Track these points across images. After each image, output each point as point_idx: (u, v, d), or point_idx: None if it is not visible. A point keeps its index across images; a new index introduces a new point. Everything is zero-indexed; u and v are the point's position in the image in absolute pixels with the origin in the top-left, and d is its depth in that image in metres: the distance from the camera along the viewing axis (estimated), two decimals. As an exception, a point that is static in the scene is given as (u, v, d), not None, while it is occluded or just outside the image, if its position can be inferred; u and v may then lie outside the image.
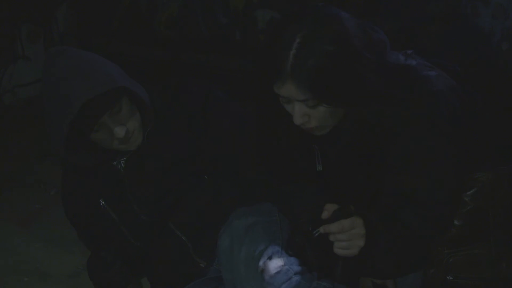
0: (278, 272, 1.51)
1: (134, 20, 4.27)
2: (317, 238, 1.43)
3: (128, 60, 4.06)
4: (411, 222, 1.44)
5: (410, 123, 1.39)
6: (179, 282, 1.73)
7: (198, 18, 4.06)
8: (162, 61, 4.13)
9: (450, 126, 1.39)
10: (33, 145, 3.34)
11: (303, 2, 3.69)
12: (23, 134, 3.50)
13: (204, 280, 1.73)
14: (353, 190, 1.53)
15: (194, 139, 1.68)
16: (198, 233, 1.73)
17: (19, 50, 3.92)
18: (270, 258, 1.54)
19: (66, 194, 1.82)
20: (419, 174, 1.41)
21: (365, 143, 1.45)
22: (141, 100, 1.60)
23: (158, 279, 1.80)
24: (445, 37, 2.48)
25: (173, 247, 1.74)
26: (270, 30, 1.31)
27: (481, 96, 1.52)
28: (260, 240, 1.58)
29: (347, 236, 1.40)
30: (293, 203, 1.69)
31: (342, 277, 1.59)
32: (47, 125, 1.57)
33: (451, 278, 1.52)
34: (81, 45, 4.18)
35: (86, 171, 1.72)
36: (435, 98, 1.38)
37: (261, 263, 1.53)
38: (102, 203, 1.73)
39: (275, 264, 1.52)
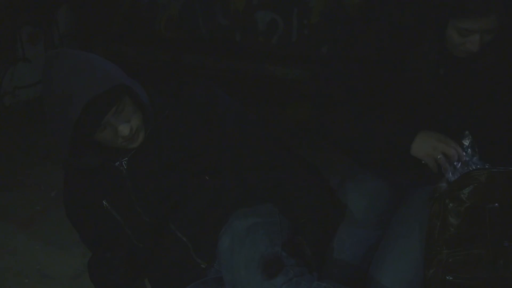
0: (278, 273, 1.51)
1: (134, 22, 4.27)
2: None
3: (128, 61, 4.06)
4: None
5: None
6: (179, 283, 1.72)
7: (198, 19, 4.07)
8: (162, 62, 4.13)
9: None
10: (33, 146, 3.34)
11: (304, 3, 3.70)
12: (23, 136, 3.51)
13: (204, 281, 1.73)
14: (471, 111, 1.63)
15: (196, 139, 1.69)
16: (198, 234, 1.73)
17: (19, 52, 3.93)
18: (270, 259, 1.54)
19: (68, 196, 1.81)
20: None
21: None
22: (141, 100, 1.61)
23: (159, 280, 1.80)
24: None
25: (173, 248, 1.74)
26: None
27: None
28: (261, 241, 1.58)
29: None
30: (295, 203, 1.70)
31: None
32: (49, 128, 1.58)
33: (450, 278, 1.52)
34: (81, 47, 4.19)
35: (88, 172, 1.72)
36: None
37: (261, 263, 1.53)
38: (105, 204, 1.73)
39: (275, 265, 1.53)
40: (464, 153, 1.54)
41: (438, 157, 1.54)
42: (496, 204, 1.49)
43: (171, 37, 4.16)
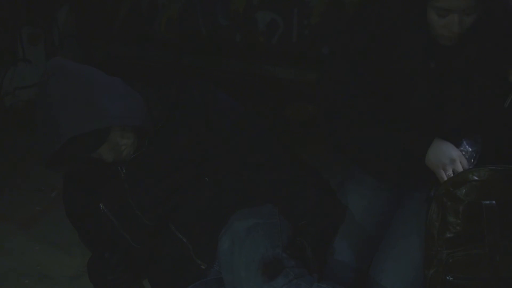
0: (278, 275, 1.51)
1: (134, 22, 4.27)
2: None
3: (128, 62, 4.06)
4: None
5: None
6: (179, 284, 1.73)
7: (198, 20, 4.06)
8: (163, 63, 4.13)
9: None
10: (33, 147, 3.34)
11: (304, 4, 3.70)
12: (24, 136, 3.50)
13: (204, 281, 1.73)
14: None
15: (196, 141, 1.69)
16: (198, 235, 1.73)
17: (20, 52, 3.92)
18: (270, 260, 1.54)
19: (67, 197, 1.83)
20: None
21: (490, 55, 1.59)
22: (133, 127, 1.61)
23: (159, 281, 1.80)
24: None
25: (173, 249, 1.74)
26: None
27: None
28: (260, 242, 1.58)
29: None
30: (295, 204, 1.70)
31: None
32: (38, 137, 1.58)
33: (450, 278, 1.53)
34: (81, 48, 4.18)
35: (88, 174, 1.72)
36: None
37: (261, 265, 1.53)
38: (102, 207, 1.73)
39: (275, 266, 1.53)
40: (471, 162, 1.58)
41: (448, 173, 1.56)
42: (494, 201, 1.49)
43: (171, 37, 4.15)
